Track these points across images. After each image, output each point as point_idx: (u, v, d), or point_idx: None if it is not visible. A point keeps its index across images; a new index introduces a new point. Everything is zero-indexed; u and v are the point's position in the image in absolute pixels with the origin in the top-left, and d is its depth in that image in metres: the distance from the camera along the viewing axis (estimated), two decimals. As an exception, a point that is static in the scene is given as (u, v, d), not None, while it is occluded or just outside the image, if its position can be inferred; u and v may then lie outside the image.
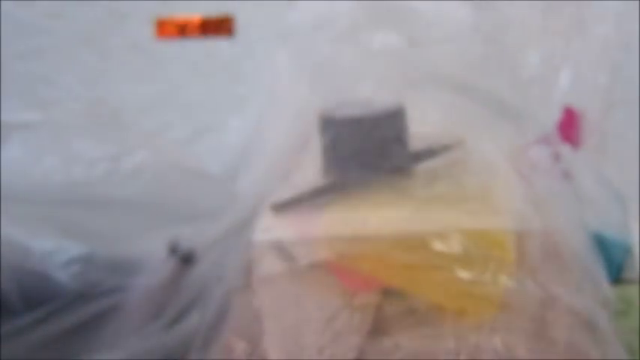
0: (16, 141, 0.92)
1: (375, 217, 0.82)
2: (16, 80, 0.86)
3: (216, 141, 0.95)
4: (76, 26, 0.96)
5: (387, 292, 0.80)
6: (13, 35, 0.92)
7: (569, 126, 0.96)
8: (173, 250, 0.88)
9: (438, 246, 0.80)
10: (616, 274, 0.89)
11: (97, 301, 0.87)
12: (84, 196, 0.94)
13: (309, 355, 0.77)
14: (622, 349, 0.81)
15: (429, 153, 0.88)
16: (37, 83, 0.88)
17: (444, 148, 0.88)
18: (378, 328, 0.78)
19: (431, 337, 0.77)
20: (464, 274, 0.79)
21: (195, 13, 0.95)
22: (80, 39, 0.95)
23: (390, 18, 0.93)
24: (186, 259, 0.87)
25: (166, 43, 0.95)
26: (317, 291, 0.80)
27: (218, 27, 0.95)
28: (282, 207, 0.85)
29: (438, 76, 0.92)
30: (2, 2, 0.90)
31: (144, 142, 0.94)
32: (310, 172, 0.88)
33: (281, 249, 0.83)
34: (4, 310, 0.86)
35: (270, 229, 0.84)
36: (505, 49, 0.94)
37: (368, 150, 0.85)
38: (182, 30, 0.95)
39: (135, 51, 0.97)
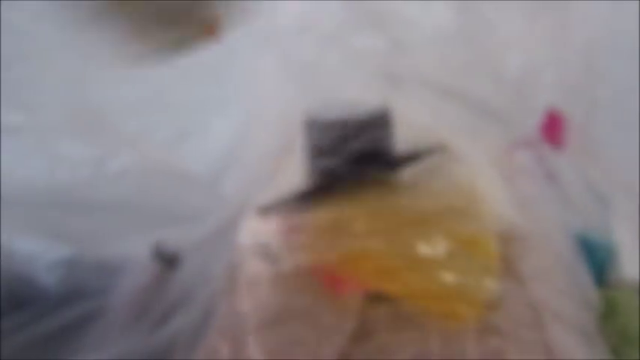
0: (0, 144, 0.92)
1: (361, 220, 0.83)
2: (-1, 83, 0.86)
3: (201, 143, 0.95)
4: (60, 28, 0.96)
5: (372, 295, 0.80)
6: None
7: (553, 128, 0.96)
8: (158, 252, 0.88)
9: (423, 249, 0.80)
10: (600, 277, 0.89)
11: (81, 304, 0.87)
12: (68, 199, 0.93)
13: (293, 357, 0.77)
14: (607, 351, 0.81)
15: (414, 156, 0.88)
16: (21, 86, 0.88)
17: (429, 151, 0.88)
18: (362, 331, 0.78)
19: (416, 340, 0.77)
20: (449, 278, 0.79)
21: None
22: (64, 41, 0.95)
23: (374, 20, 0.93)
24: (170, 262, 0.87)
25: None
26: (302, 294, 0.80)
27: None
28: (267, 210, 0.85)
29: (422, 78, 0.92)
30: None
31: (128, 144, 0.94)
32: (295, 174, 0.88)
33: (266, 252, 0.83)
34: (-12, 313, 0.86)
35: (255, 231, 0.84)
36: (489, 51, 0.95)
37: (353, 153, 0.86)
38: (167, 32, 0.95)
39: (118, 53, 0.96)
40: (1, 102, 0.90)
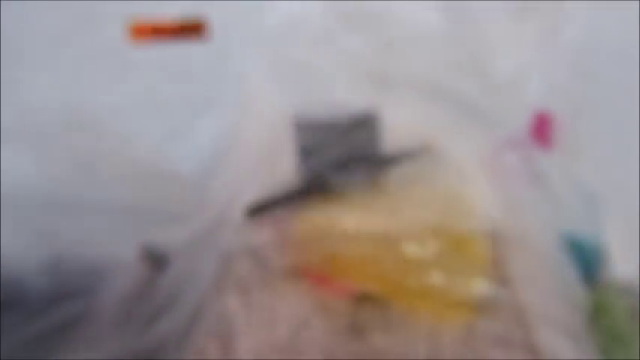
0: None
1: (349, 221, 0.83)
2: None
3: (190, 144, 0.95)
4: (50, 30, 0.96)
5: (361, 296, 0.80)
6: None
7: (541, 129, 0.96)
8: (146, 253, 0.88)
9: (412, 250, 0.81)
10: (589, 276, 0.89)
11: (70, 305, 0.87)
12: (57, 200, 0.93)
13: (282, 358, 0.77)
14: (596, 351, 0.81)
15: (402, 157, 0.88)
16: (12, 87, 0.88)
17: (417, 152, 0.89)
18: (351, 332, 0.78)
19: (404, 340, 0.78)
20: (437, 278, 0.79)
21: (169, 16, 0.95)
22: (54, 42, 0.95)
23: (363, 21, 0.93)
24: (159, 263, 0.87)
25: (140, 47, 0.95)
26: (290, 295, 0.80)
27: (192, 30, 0.95)
28: (256, 211, 0.85)
29: (410, 79, 0.92)
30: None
31: (117, 145, 0.94)
32: (284, 175, 0.88)
33: (254, 253, 0.83)
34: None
35: (244, 232, 0.84)
36: (477, 53, 0.95)
37: (341, 154, 0.86)
38: (156, 33, 0.95)
39: (109, 54, 0.96)
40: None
